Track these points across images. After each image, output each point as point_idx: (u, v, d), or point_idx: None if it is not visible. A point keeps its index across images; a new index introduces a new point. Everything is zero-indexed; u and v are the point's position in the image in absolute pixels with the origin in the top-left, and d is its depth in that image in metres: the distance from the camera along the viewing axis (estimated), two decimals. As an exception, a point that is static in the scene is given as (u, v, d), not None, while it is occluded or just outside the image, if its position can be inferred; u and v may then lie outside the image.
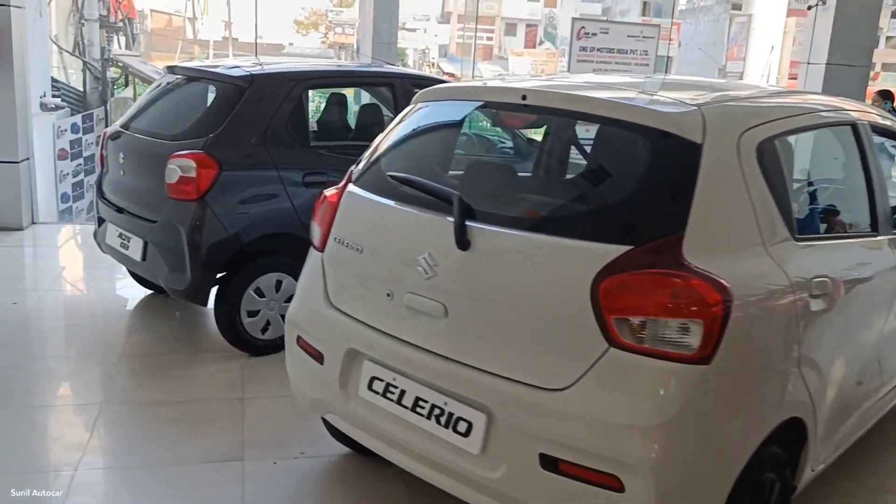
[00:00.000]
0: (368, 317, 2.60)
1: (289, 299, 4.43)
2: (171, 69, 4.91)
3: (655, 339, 2.03)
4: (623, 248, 2.08)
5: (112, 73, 13.31)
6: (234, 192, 4.17)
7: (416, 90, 4.89)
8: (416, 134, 2.92)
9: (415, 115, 2.91)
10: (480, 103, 2.83)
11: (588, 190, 2.47)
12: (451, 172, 3.03)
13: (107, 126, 11.50)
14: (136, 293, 5.28)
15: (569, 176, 2.62)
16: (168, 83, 4.89)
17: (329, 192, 2.93)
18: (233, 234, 4.17)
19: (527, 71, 41.70)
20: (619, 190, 2.26)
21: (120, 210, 4.56)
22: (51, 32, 11.71)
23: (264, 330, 4.40)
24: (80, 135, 10.71)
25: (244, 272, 4.27)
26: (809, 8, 8.73)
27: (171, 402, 3.79)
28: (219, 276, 4.29)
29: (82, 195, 10.96)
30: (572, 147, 3.45)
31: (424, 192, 2.49)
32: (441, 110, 2.95)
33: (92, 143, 11.07)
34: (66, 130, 10.30)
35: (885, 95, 9.15)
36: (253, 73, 4.36)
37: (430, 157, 2.87)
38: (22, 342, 4.46)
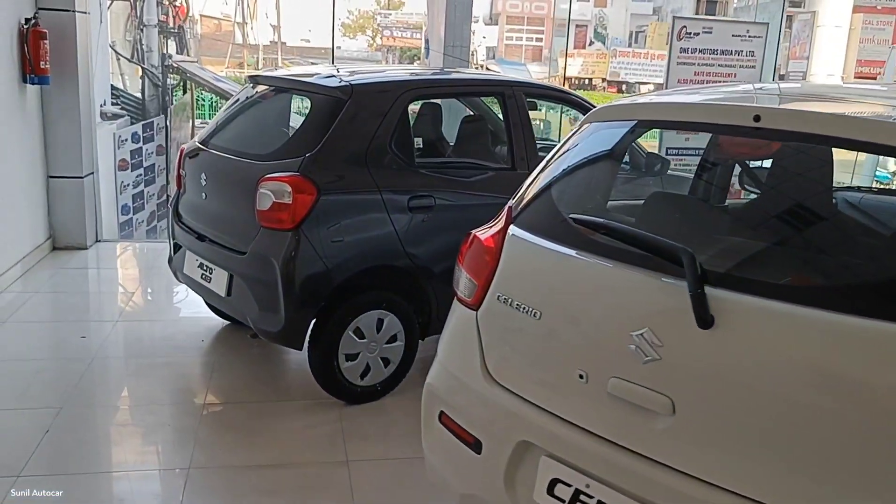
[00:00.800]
0: (549, 401, 2.02)
1: (391, 340, 3.92)
2: (255, 79, 4.41)
3: None
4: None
5: (169, 79, 13.00)
6: (334, 220, 3.64)
7: (528, 99, 4.37)
8: (592, 161, 2.33)
9: (588, 139, 2.32)
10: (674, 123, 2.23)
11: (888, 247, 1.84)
12: (613, 202, 2.46)
13: (167, 135, 11.18)
14: (211, 324, 4.81)
15: (832, 223, 1.98)
16: (251, 95, 4.39)
17: (482, 233, 2.36)
18: (333, 268, 3.64)
19: (576, 72, 40.90)
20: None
21: (201, 237, 4.07)
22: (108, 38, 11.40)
23: (363, 375, 3.87)
24: (140, 144, 10.38)
25: (343, 310, 3.73)
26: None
27: (268, 467, 3.27)
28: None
29: (142, 206, 10.63)
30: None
31: (633, 244, 1.90)
32: (617, 133, 2.36)
33: (152, 153, 10.74)
34: (126, 140, 9.97)
35: None
36: (352, 82, 3.82)
37: (613, 193, 2.28)
38: (91, 387, 3.98)
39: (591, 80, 40.54)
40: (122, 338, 4.64)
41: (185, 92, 13.19)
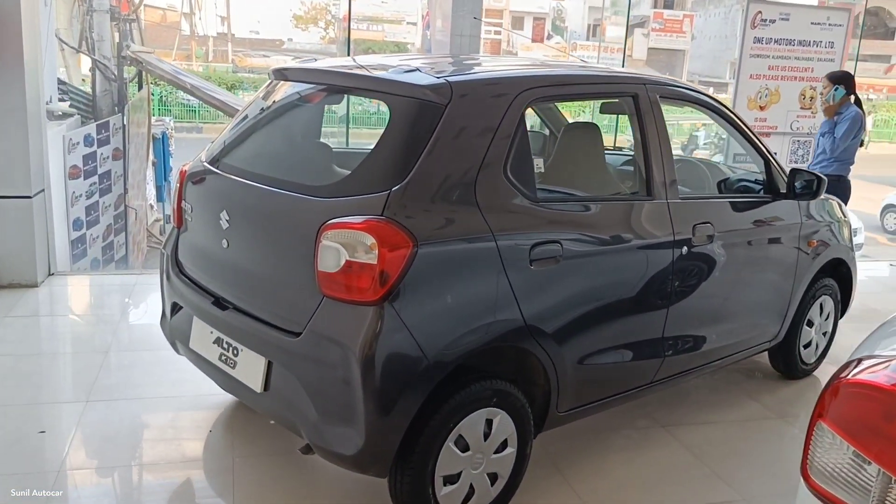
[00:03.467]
0: None
1: (500, 448, 2.75)
2: (282, 73, 3.13)
3: None
4: None
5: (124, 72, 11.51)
6: (435, 285, 2.44)
7: (662, 102, 3.23)
8: None
9: None
10: None
11: None
12: None
13: (125, 136, 9.73)
14: (217, 400, 3.57)
15: None
16: (280, 97, 3.14)
17: (877, 373, 1.20)
18: (435, 356, 2.43)
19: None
20: None
21: (221, 304, 2.81)
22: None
23: (466, 500, 2.69)
24: (94, 147, 8.91)
25: (443, 414, 2.53)
26: None
27: None
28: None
29: (97, 220, 9.16)
30: None
31: None
32: None
33: (108, 158, 9.27)
34: (77, 143, 8.52)
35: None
36: (449, 79, 2.61)
37: None
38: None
39: (552, 73, 39.86)
40: (96, 430, 3.34)
41: (140, 86, 11.71)
